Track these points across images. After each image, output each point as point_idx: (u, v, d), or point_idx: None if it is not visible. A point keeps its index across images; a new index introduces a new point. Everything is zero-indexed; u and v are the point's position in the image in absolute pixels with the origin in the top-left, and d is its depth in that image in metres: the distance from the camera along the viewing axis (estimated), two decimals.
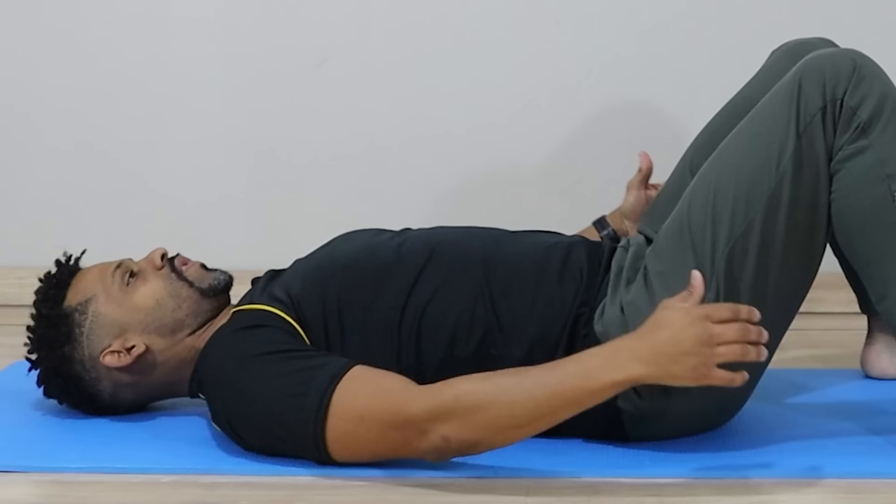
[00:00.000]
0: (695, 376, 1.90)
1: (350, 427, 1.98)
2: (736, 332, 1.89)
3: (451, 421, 1.94)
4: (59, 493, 2.02)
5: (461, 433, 1.94)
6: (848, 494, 1.97)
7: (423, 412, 1.95)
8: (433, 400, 1.96)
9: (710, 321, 1.89)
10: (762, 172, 2.06)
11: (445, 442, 1.95)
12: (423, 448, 1.97)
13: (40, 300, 2.22)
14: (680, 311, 1.91)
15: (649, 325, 1.93)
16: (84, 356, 2.18)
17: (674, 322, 1.90)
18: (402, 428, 1.97)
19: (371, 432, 1.98)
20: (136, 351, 2.18)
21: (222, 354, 2.10)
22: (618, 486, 1.99)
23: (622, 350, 1.92)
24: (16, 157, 3.26)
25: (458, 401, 1.94)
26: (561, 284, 2.14)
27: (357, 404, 1.98)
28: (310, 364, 2.03)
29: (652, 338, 1.91)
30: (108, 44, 3.21)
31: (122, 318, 2.19)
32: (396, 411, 1.97)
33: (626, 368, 1.91)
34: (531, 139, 3.19)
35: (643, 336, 1.92)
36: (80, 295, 2.19)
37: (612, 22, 3.15)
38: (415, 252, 2.17)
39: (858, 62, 2.08)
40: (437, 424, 1.95)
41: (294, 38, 3.19)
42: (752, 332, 1.89)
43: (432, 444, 1.96)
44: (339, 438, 1.99)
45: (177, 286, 2.20)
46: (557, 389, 1.93)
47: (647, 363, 1.90)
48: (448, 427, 1.94)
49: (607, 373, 1.91)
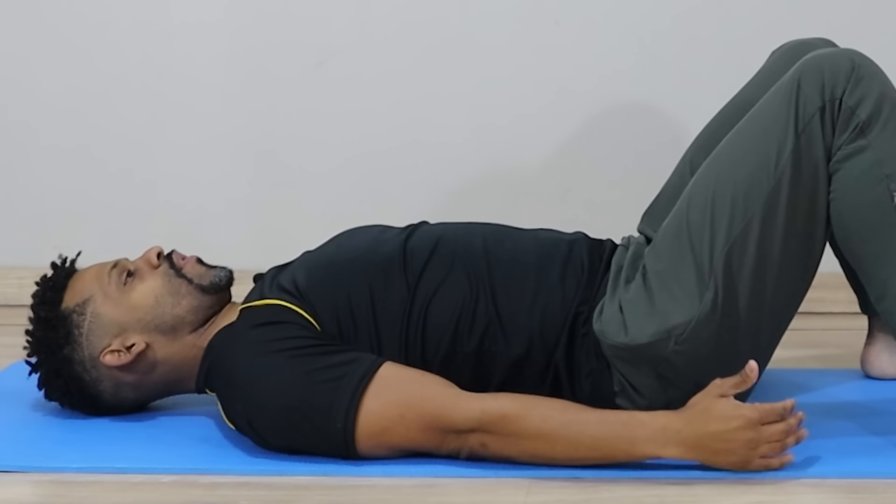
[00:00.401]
0: (735, 468, 1.98)
1: (386, 424, 2.01)
2: (781, 433, 1.96)
3: (493, 434, 2.00)
4: (59, 493, 2.02)
5: (500, 448, 2.00)
6: (848, 494, 1.96)
7: (469, 422, 1.99)
8: (480, 414, 2.00)
9: (761, 424, 1.95)
10: (761, 172, 2.06)
11: (483, 448, 2.01)
12: (456, 448, 2.01)
13: (37, 303, 2.21)
14: (734, 409, 1.96)
15: (701, 413, 1.97)
16: (84, 357, 2.18)
17: (727, 420, 1.96)
18: (443, 431, 2.00)
19: (410, 431, 2.01)
20: (137, 349, 2.17)
21: (239, 352, 2.09)
22: (618, 486, 1.99)
23: (670, 431, 1.97)
24: (16, 158, 3.26)
25: (505, 421, 1.99)
26: (562, 282, 2.14)
27: (396, 403, 2.00)
28: (337, 360, 2.04)
29: (701, 428, 1.96)
30: (108, 46, 3.21)
31: (121, 318, 2.18)
32: (441, 415, 2.00)
33: (669, 448, 1.97)
34: (532, 141, 3.19)
35: (693, 422, 1.97)
36: (78, 296, 2.19)
37: (612, 23, 3.15)
38: (419, 247, 2.17)
39: (857, 62, 2.08)
40: (478, 434, 2.00)
41: (294, 39, 3.19)
42: (793, 429, 1.97)
43: (469, 447, 2.01)
44: (372, 435, 2.01)
45: (175, 283, 2.20)
46: (599, 443, 1.99)
47: (691, 449, 1.97)
48: (489, 438, 2.00)
49: (651, 447, 1.98)
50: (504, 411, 2.00)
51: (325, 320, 2.12)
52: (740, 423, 1.95)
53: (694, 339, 2.05)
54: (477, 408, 2.00)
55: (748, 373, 1.97)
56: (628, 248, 2.22)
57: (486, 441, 2.00)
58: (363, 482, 2.01)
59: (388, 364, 2.05)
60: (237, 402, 2.08)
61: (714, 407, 1.97)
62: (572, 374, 2.11)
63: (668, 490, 1.97)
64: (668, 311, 2.06)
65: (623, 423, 1.99)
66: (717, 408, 1.97)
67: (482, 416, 1.99)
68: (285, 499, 1.97)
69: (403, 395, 2.01)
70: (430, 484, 2.00)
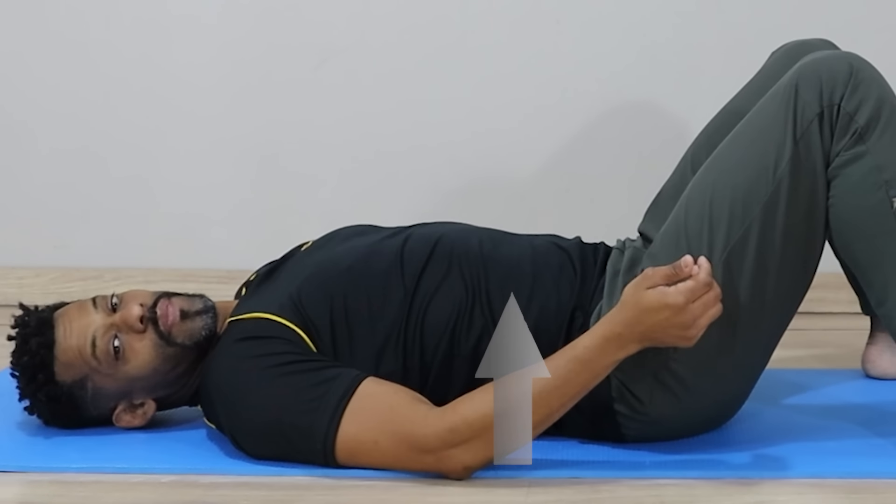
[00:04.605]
0: (681, 343, 1.97)
1: (364, 447, 2.00)
2: (711, 301, 1.94)
3: (465, 445, 1.97)
4: (59, 493, 2.01)
5: (477, 455, 1.98)
6: (848, 494, 1.96)
7: (437, 439, 1.98)
8: (444, 425, 1.97)
9: (689, 303, 1.93)
10: (759, 178, 2.06)
11: (466, 470, 1.99)
12: (441, 470, 2.00)
13: (32, 389, 2.14)
14: (660, 300, 1.94)
15: (633, 311, 1.95)
16: (92, 415, 2.18)
17: (657, 311, 1.94)
18: (417, 451, 1.99)
19: (387, 455, 2.00)
20: (148, 410, 2.18)
21: (224, 367, 2.08)
22: (618, 486, 1.99)
23: (614, 341, 1.97)
24: (16, 158, 3.26)
25: (467, 424, 1.97)
26: (557, 286, 2.14)
27: (371, 426, 1.99)
28: (319, 378, 2.03)
29: (637, 327, 1.95)
30: (108, 48, 3.21)
31: (123, 387, 2.15)
32: (410, 433, 1.99)
33: (620, 352, 1.97)
34: (532, 141, 3.18)
35: (629, 324, 1.96)
36: (72, 372, 2.13)
37: (613, 23, 3.15)
38: (417, 251, 2.17)
39: (855, 66, 2.07)
40: (452, 451, 1.98)
41: (295, 43, 3.19)
42: (714, 294, 1.95)
43: (452, 470, 1.99)
44: (352, 454, 2.01)
45: (168, 351, 2.13)
46: (564, 389, 1.98)
47: (638, 343, 1.97)
48: (464, 453, 1.98)
49: (608, 361, 1.97)
50: (462, 413, 1.97)
51: (319, 329, 2.10)
52: (670, 313, 1.93)
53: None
54: (440, 420, 1.98)
55: (682, 266, 1.94)
56: (623, 251, 2.21)
57: (464, 460, 1.97)
58: (363, 482, 2.01)
59: (368, 382, 2.02)
60: (221, 416, 2.08)
61: (642, 301, 1.95)
62: None
63: (668, 490, 1.98)
64: None
65: (574, 360, 1.97)
66: (645, 302, 1.94)
67: (446, 425, 1.97)
68: (285, 499, 1.97)
69: (375, 417, 1.99)
70: (430, 484, 2.00)
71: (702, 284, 1.93)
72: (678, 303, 1.93)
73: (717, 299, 1.95)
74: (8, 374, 2.19)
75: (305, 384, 2.02)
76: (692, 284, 1.93)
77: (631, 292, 1.97)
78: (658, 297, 1.94)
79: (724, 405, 2.17)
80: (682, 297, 1.93)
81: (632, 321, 1.96)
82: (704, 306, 1.94)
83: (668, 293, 1.93)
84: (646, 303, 1.94)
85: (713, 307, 1.94)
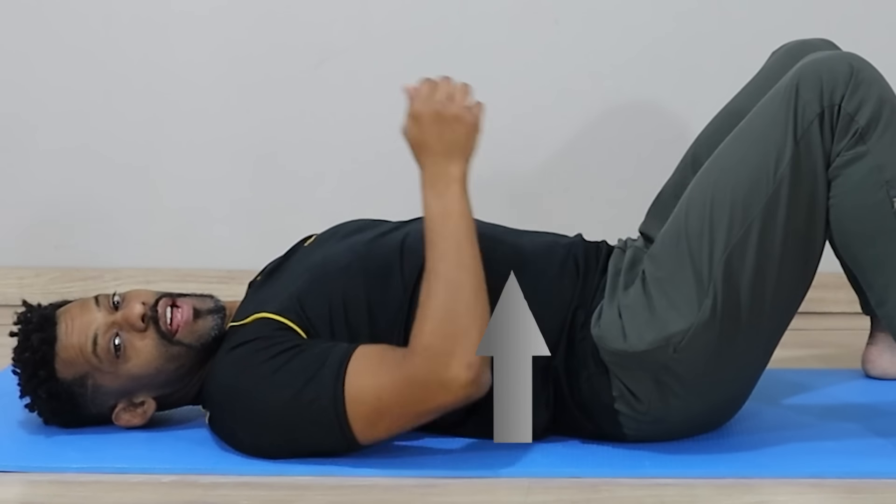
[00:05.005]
0: (468, 117, 2.06)
1: (372, 406, 1.99)
2: (446, 89, 2.07)
3: (447, 352, 1.96)
4: (59, 493, 2.02)
5: (465, 349, 1.96)
6: (848, 494, 1.97)
7: (423, 365, 1.96)
8: (418, 350, 1.97)
9: (430, 85, 2.05)
10: (760, 178, 2.05)
11: (470, 369, 1.96)
12: (453, 389, 1.97)
13: (33, 385, 2.14)
14: (410, 110, 2.06)
15: (414, 142, 2.07)
16: (92, 413, 2.18)
17: (417, 119, 2.06)
18: (418, 386, 1.97)
19: (395, 405, 1.98)
20: (148, 409, 2.17)
21: (227, 374, 2.08)
22: (618, 486, 1.99)
23: (429, 177, 2.05)
24: (16, 157, 3.26)
25: (433, 333, 1.97)
26: (557, 284, 2.14)
27: (371, 383, 1.99)
28: (315, 353, 2.03)
29: (428, 145, 2.06)
30: (109, 46, 3.21)
31: (124, 386, 2.15)
32: (401, 375, 1.98)
33: (448, 177, 2.06)
34: (532, 141, 3.18)
35: (423, 152, 2.06)
36: (72, 369, 2.13)
37: (612, 21, 3.15)
38: (416, 248, 2.17)
39: (856, 66, 2.07)
40: (443, 365, 1.96)
41: (295, 42, 3.19)
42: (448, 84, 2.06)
43: (459, 380, 1.96)
44: (365, 417, 2.00)
45: (172, 350, 2.13)
46: (455, 245, 2.02)
47: (446, 154, 2.04)
48: (454, 358, 1.96)
49: (448, 190, 2.05)
50: (423, 334, 1.97)
51: (319, 329, 2.10)
52: (425, 107, 2.04)
53: (693, 346, 2.05)
54: (418, 351, 1.97)
55: (409, 91, 2.04)
56: (625, 250, 2.21)
57: (456, 361, 1.95)
58: (363, 482, 2.01)
59: (361, 348, 2.04)
60: (231, 420, 2.08)
61: (407, 130, 2.07)
62: (571, 379, 2.10)
63: (668, 490, 1.98)
64: (667, 319, 2.05)
65: (434, 220, 2.03)
66: (407, 127, 2.06)
67: (418, 355, 1.97)
68: (285, 499, 1.97)
69: (372, 374, 1.99)
70: (430, 484, 2.01)
71: (429, 85, 2.06)
72: (421, 92, 2.05)
73: (450, 87, 2.05)
74: (9, 374, 2.19)
75: (305, 363, 2.02)
76: (428, 85, 2.05)
77: (407, 134, 2.07)
78: (408, 113, 2.06)
79: (725, 405, 2.17)
80: (420, 89, 2.06)
81: (420, 147, 2.06)
82: (447, 82, 2.06)
83: (411, 103, 2.05)
84: (408, 126, 2.06)
85: (462, 92, 2.05)
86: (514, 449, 2.10)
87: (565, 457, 2.09)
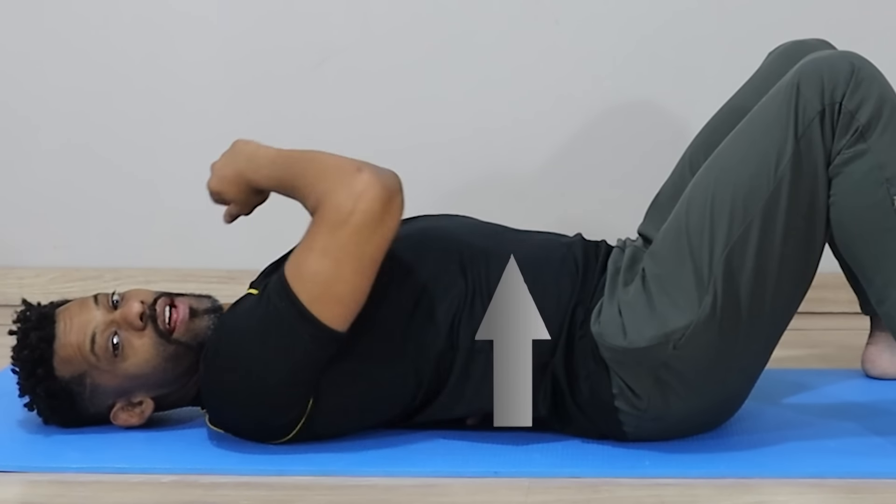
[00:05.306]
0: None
1: (317, 273, 2.02)
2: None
3: (347, 179, 2.06)
4: (59, 493, 2.02)
5: (360, 171, 2.07)
6: (848, 494, 1.97)
7: (329, 203, 2.03)
8: (322, 207, 2.04)
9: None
10: (760, 176, 2.06)
11: (372, 181, 2.06)
12: (369, 202, 2.03)
13: (31, 384, 2.14)
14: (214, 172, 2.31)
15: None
16: (90, 412, 2.18)
17: (221, 164, 2.31)
18: (341, 225, 2.02)
19: (337, 259, 2.01)
20: (146, 409, 2.17)
21: (211, 347, 2.10)
22: (618, 486, 1.99)
23: (246, 157, 2.28)
24: (16, 157, 3.26)
25: (328, 182, 2.07)
26: (557, 283, 2.14)
27: (303, 259, 2.03)
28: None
29: (234, 157, 2.31)
30: (109, 46, 3.21)
31: (122, 385, 2.15)
32: (323, 227, 2.02)
33: (263, 168, 2.27)
34: (532, 140, 3.18)
35: (237, 158, 2.30)
36: (70, 367, 2.13)
37: (612, 22, 3.15)
38: (416, 241, 2.17)
39: (857, 65, 2.07)
40: (349, 189, 2.04)
41: (295, 40, 3.19)
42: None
43: (371, 189, 2.05)
44: (320, 293, 2.01)
45: (169, 350, 2.13)
46: (300, 156, 2.25)
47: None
48: (356, 181, 2.05)
49: (260, 152, 2.30)
50: (321, 189, 2.08)
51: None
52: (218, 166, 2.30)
53: (692, 343, 2.05)
54: (324, 206, 2.05)
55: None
56: (624, 249, 2.21)
57: (367, 194, 2.05)
58: (363, 482, 2.01)
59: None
60: (218, 391, 2.09)
61: (217, 170, 2.30)
62: (571, 377, 2.11)
63: (668, 490, 1.98)
64: (667, 316, 2.05)
65: (276, 155, 2.26)
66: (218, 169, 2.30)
67: (327, 200, 2.06)
68: (285, 499, 1.97)
69: (305, 253, 2.04)
70: (430, 484, 2.01)
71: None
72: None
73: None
74: (9, 374, 2.19)
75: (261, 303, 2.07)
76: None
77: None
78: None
79: (724, 403, 2.17)
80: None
81: (226, 163, 2.31)
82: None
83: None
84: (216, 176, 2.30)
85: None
86: (515, 449, 2.10)
87: (565, 457, 2.09)
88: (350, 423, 2.14)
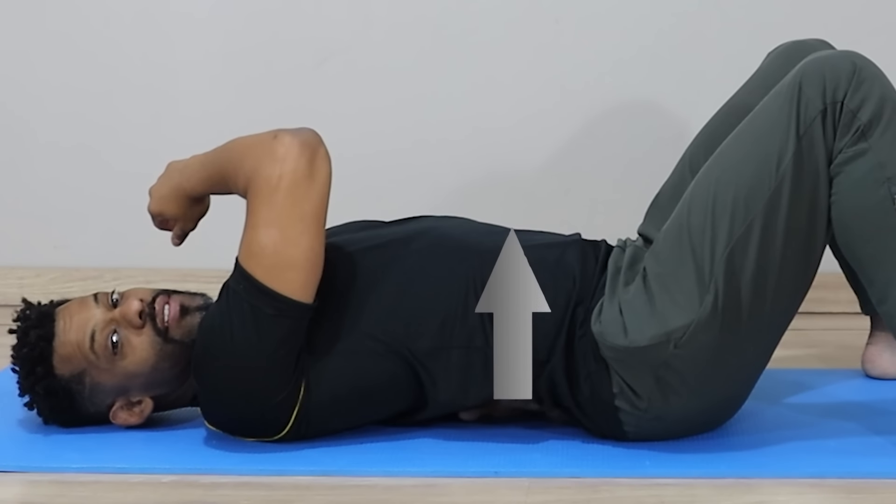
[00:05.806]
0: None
1: (265, 244, 2.05)
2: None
3: (267, 147, 2.10)
4: (59, 493, 2.02)
5: (280, 136, 2.12)
6: (848, 494, 1.96)
7: (257, 173, 2.08)
8: (252, 182, 2.10)
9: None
10: (762, 175, 2.06)
11: (294, 139, 2.12)
12: (295, 159, 2.09)
13: (30, 382, 2.14)
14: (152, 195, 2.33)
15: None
16: (90, 411, 2.18)
17: (158, 184, 2.33)
18: (273, 190, 2.06)
19: (273, 221, 2.05)
20: (145, 408, 2.18)
21: (194, 355, 2.11)
22: (618, 486, 1.99)
23: (178, 171, 2.31)
24: (16, 157, 3.26)
25: (254, 160, 2.10)
26: (555, 282, 2.14)
27: (250, 237, 2.08)
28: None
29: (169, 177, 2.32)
30: (109, 44, 3.21)
31: (121, 383, 2.15)
32: (259, 201, 2.07)
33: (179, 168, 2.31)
34: (533, 140, 3.19)
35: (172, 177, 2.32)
36: (70, 366, 2.13)
37: (612, 21, 3.15)
38: (415, 241, 2.17)
39: (858, 64, 2.07)
40: (271, 154, 2.10)
41: (295, 39, 3.19)
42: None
43: (294, 147, 2.11)
44: (270, 264, 2.04)
45: (167, 348, 2.14)
46: (229, 148, 2.24)
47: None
48: (276, 144, 2.10)
49: (189, 161, 2.31)
50: (248, 167, 2.12)
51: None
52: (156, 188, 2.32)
53: (693, 342, 2.05)
54: (254, 180, 2.10)
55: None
56: (625, 249, 2.21)
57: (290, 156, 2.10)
58: (363, 482, 2.01)
59: None
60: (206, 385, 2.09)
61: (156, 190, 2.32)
62: (571, 377, 2.10)
63: (668, 490, 1.98)
64: (668, 314, 2.05)
65: (203, 160, 2.27)
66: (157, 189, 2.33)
67: (253, 172, 2.10)
68: (285, 499, 1.97)
69: (251, 227, 2.09)
70: (430, 484, 2.01)
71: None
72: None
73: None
74: (9, 374, 2.19)
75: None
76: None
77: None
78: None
79: (725, 403, 2.17)
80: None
81: (163, 182, 2.32)
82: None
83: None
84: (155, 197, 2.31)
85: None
86: (515, 449, 2.10)
87: (565, 457, 2.09)
88: (345, 420, 2.14)
